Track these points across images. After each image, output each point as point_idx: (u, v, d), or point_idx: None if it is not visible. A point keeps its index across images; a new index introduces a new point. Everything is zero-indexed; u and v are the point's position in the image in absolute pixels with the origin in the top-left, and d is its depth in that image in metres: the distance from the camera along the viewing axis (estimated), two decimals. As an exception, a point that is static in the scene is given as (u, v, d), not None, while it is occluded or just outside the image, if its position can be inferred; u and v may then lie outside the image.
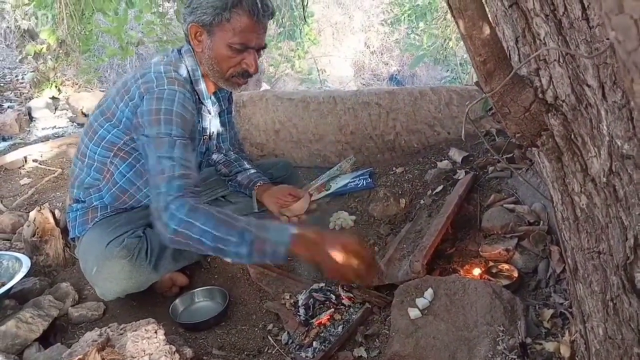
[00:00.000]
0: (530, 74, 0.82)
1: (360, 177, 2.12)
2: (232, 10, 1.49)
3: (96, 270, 1.55)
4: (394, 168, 2.10)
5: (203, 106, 1.67)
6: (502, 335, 1.12)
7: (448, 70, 5.95)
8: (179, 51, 1.61)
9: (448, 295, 1.26)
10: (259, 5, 1.50)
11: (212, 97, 1.72)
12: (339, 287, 1.53)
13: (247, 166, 1.93)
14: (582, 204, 0.84)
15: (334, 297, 1.49)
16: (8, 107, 4.30)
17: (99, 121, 1.62)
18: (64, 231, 1.85)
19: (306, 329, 1.42)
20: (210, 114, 1.72)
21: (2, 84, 5.00)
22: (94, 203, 1.68)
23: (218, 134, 1.87)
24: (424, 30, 5.54)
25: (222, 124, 1.88)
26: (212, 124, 1.78)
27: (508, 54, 0.88)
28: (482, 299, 1.21)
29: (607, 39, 0.66)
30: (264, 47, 1.60)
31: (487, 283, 1.27)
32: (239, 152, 2.00)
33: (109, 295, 1.57)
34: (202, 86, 1.62)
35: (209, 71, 1.59)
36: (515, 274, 1.35)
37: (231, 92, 1.90)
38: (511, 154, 1.71)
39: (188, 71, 1.60)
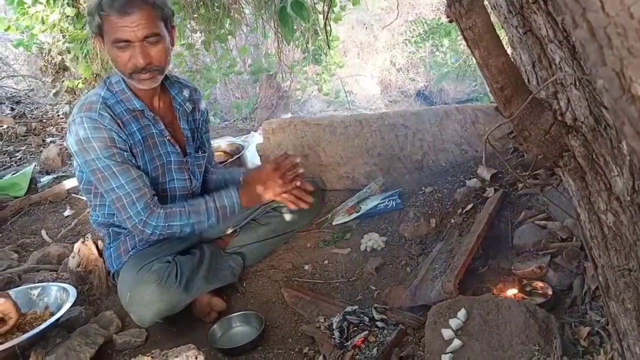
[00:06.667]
0: (548, 97, 0.84)
1: (390, 198, 2.14)
2: (99, 14, 1.52)
3: (129, 297, 1.62)
4: (422, 188, 2.11)
5: (145, 110, 1.67)
6: (538, 355, 1.11)
7: (476, 85, 5.93)
8: None
9: (481, 315, 1.26)
10: None
11: (159, 100, 1.73)
12: (372, 309, 1.55)
13: (224, 171, 2.09)
14: (609, 222, 0.84)
15: (367, 319, 1.51)
16: (50, 142, 4.50)
17: (74, 164, 1.75)
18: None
19: (341, 351, 1.43)
20: (156, 115, 1.70)
21: (44, 120, 5.24)
22: (120, 235, 1.79)
23: (192, 143, 1.85)
24: (449, 48, 5.55)
25: (193, 134, 1.85)
26: (174, 126, 1.78)
27: (526, 78, 0.90)
28: (517, 318, 1.20)
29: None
30: (152, 35, 1.54)
31: (521, 302, 1.26)
32: (215, 167, 2.12)
33: (145, 320, 1.64)
34: (128, 94, 1.64)
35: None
36: (550, 292, 1.34)
37: (204, 108, 1.93)
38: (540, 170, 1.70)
39: (107, 86, 1.65)
